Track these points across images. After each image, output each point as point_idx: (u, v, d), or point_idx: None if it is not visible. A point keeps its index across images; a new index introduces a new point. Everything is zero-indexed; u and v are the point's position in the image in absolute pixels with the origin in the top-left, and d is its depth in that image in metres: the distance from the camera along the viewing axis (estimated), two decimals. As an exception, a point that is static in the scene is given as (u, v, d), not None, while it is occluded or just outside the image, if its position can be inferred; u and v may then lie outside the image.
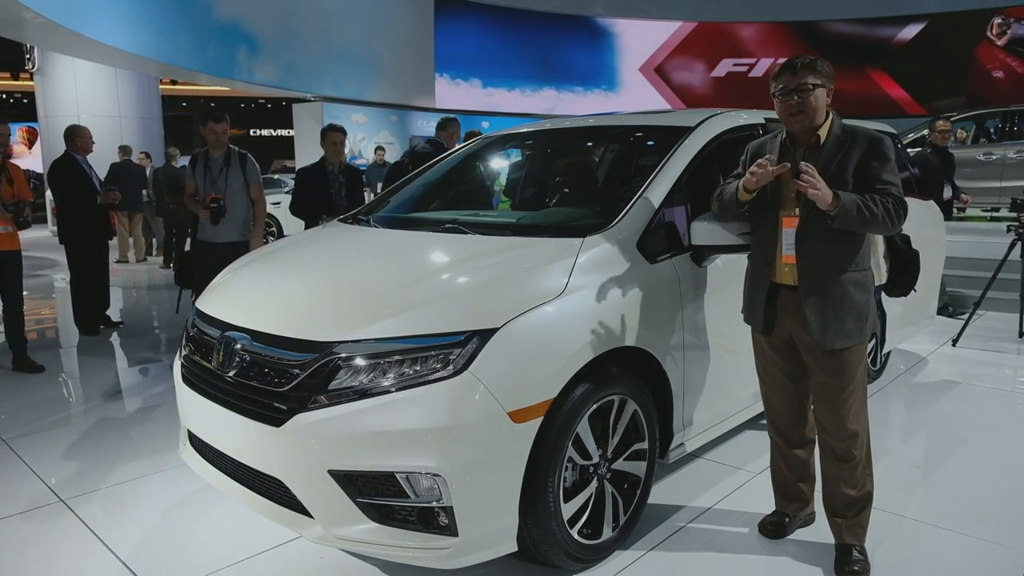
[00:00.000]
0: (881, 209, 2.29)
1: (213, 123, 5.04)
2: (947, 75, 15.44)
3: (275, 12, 14.78)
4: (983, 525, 2.83)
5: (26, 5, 8.52)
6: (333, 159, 5.39)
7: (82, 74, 14.67)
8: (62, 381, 4.99)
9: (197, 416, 2.62)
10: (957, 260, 6.58)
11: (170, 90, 24.15)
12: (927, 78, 15.79)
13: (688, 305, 2.85)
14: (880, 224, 2.32)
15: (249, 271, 3.05)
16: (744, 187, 2.44)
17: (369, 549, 2.22)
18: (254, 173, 5.20)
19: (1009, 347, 5.57)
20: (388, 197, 3.80)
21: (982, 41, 15.16)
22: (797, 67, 2.37)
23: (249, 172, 5.17)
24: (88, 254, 6.24)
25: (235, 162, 5.13)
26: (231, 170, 5.09)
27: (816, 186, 2.24)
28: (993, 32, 14.94)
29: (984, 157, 9.35)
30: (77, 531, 2.85)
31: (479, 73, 19.61)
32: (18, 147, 24.63)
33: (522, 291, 2.36)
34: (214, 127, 5.03)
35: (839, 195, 2.27)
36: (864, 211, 2.27)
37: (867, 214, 2.28)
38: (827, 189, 2.26)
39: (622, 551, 2.63)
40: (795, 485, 2.76)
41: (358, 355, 2.19)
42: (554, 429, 2.28)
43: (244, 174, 5.14)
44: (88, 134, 6.32)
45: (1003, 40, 14.72)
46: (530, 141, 4.15)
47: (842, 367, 2.43)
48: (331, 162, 5.37)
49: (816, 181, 2.25)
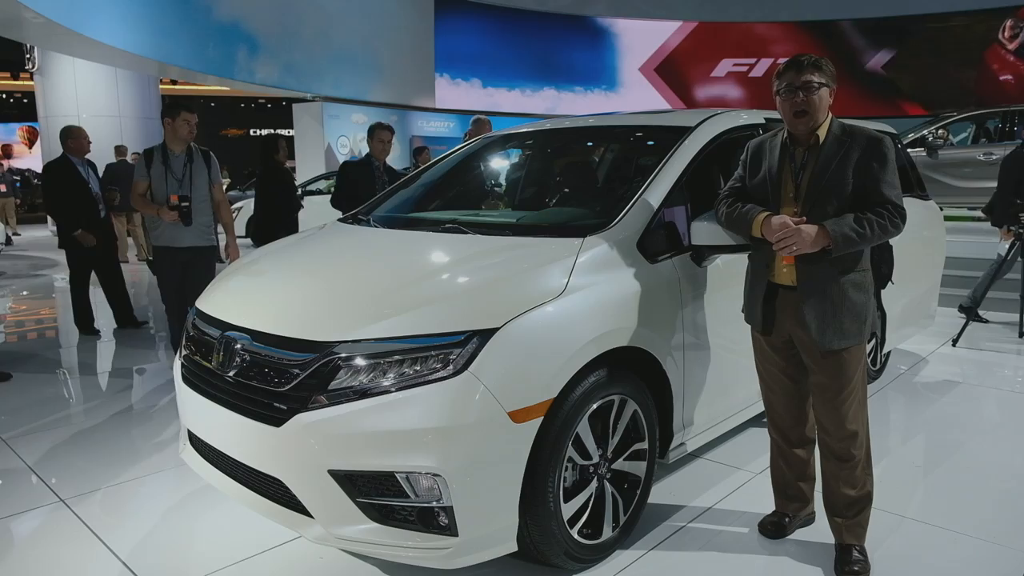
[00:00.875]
0: (876, 229, 2.31)
1: (188, 114, 4.63)
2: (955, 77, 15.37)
3: (275, 12, 14.79)
4: (983, 525, 2.83)
5: (26, 5, 8.52)
6: (380, 156, 5.56)
7: (82, 74, 14.69)
8: (62, 381, 4.99)
9: (197, 416, 2.62)
10: (957, 260, 6.58)
11: (170, 90, 24.15)
12: (934, 80, 15.74)
13: (688, 305, 2.85)
14: (878, 239, 2.34)
15: (249, 271, 3.05)
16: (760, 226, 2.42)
17: (369, 549, 2.22)
18: (217, 172, 4.84)
19: (1009, 347, 5.57)
20: (388, 197, 3.80)
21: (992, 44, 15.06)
22: (803, 65, 2.36)
23: (213, 171, 4.79)
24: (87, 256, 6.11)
25: (199, 159, 4.71)
26: (195, 168, 4.68)
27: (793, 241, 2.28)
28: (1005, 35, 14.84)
29: (984, 157, 9.34)
30: (77, 531, 2.85)
31: (479, 73, 19.61)
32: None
33: (522, 291, 2.36)
34: (189, 118, 4.63)
35: (829, 231, 2.28)
36: (857, 239, 2.30)
37: (860, 241, 2.30)
38: (808, 231, 2.28)
39: (622, 551, 2.63)
40: (795, 485, 2.76)
41: (358, 355, 2.19)
42: (554, 429, 2.28)
43: (209, 173, 4.74)
44: (82, 134, 6.08)
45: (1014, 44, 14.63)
46: (530, 141, 4.15)
47: (841, 367, 2.43)
48: (377, 159, 5.55)
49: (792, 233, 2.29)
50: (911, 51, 16.17)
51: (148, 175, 4.63)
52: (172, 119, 4.62)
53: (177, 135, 4.65)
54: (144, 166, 4.68)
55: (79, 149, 6.06)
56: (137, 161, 4.80)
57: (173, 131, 4.66)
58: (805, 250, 2.31)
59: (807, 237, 2.29)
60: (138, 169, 4.74)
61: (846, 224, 2.30)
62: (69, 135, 6.06)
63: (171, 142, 4.69)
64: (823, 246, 2.30)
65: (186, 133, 4.65)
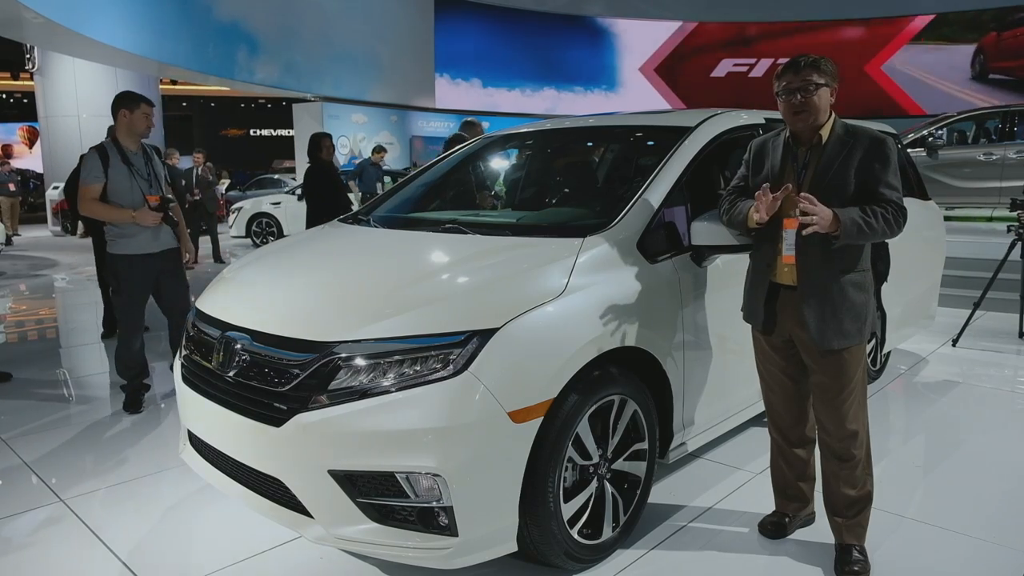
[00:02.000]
0: (881, 222, 2.30)
1: (148, 107, 4.13)
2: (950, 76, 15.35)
3: (275, 12, 14.80)
4: (983, 525, 2.83)
5: (26, 5, 8.52)
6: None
7: (82, 74, 14.70)
8: (62, 381, 4.99)
9: (197, 416, 2.62)
10: (957, 260, 6.58)
11: (170, 90, 24.17)
12: (928, 78, 15.74)
13: (688, 305, 2.85)
14: (880, 235, 2.33)
15: (249, 271, 3.05)
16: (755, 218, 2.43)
17: (369, 549, 2.22)
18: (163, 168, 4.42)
19: (1009, 347, 5.57)
20: (388, 197, 3.80)
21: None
22: (801, 65, 2.36)
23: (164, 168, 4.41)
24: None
25: (154, 157, 4.32)
26: (155, 166, 4.22)
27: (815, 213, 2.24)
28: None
29: (984, 157, 9.35)
30: (77, 531, 2.85)
31: (479, 73, 19.63)
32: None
33: (522, 291, 2.36)
34: (149, 111, 4.12)
35: (839, 216, 2.27)
36: (864, 228, 2.28)
37: (867, 230, 2.29)
38: (826, 212, 2.26)
39: (623, 551, 2.63)
40: (795, 485, 2.76)
41: (358, 355, 2.19)
42: (554, 429, 2.28)
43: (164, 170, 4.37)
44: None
45: None
46: (530, 141, 4.15)
47: (841, 367, 2.43)
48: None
49: (816, 209, 2.24)
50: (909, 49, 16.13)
51: (103, 175, 3.99)
52: (130, 111, 4.05)
53: (134, 130, 4.09)
54: (100, 167, 3.99)
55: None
56: (84, 161, 4.08)
57: (130, 125, 4.08)
58: (822, 228, 2.26)
59: (827, 215, 2.26)
60: (91, 170, 3.99)
61: (854, 212, 2.29)
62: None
63: (126, 138, 4.10)
64: (831, 231, 2.28)
65: (144, 128, 4.12)
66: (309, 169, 6.51)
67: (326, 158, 6.43)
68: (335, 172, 6.61)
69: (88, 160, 4.05)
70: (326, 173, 6.42)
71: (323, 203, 6.18)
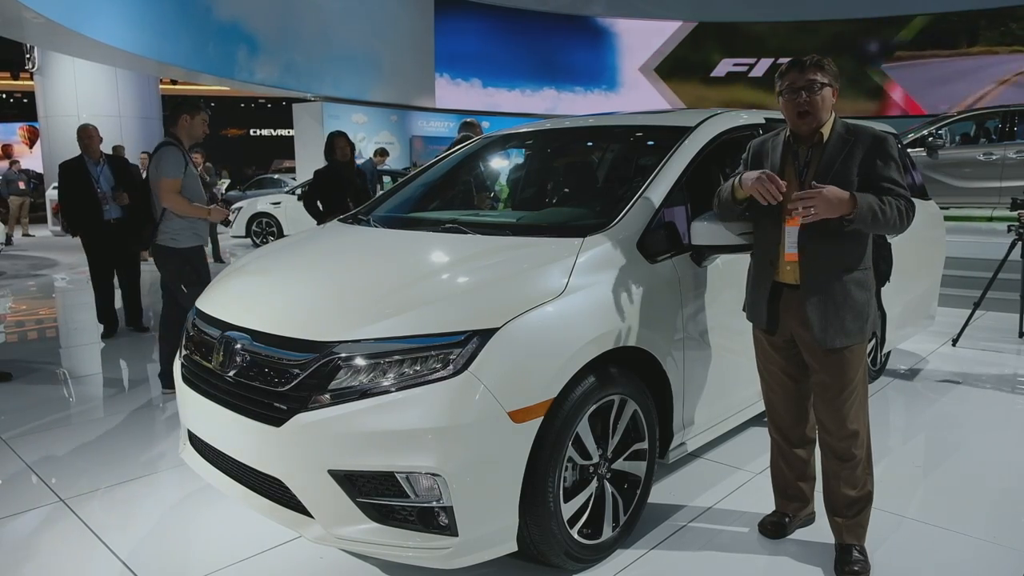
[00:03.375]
0: (895, 212, 2.29)
1: (205, 114, 4.43)
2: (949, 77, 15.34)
3: (275, 12, 14.80)
4: (983, 525, 2.83)
5: (26, 5, 8.53)
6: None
7: (82, 74, 14.70)
8: (62, 381, 4.99)
9: (197, 416, 2.62)
10: (957, 260, 6.57)
11: (170, 90, 24.16)
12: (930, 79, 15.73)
13: (688, 305, 2.85)
14: (892, 227, 2.31)
15: (249, 271, 3.05)
16: (740, 185, 2.44)
17: (369, 549, 2.22)
18: None
19: (1009, 347, 5.57)
20: (388, 197, 3.80)
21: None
22: (805, 65, 2.36)
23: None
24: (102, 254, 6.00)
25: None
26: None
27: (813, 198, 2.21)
28: None
29: (984, 157, 9.34)
30: (77, 531, 2.85)
31: (479, 73, 19.63)
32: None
33: (522, 291, 2.36)
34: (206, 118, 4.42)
35: (856, 197, 2.25)
36: (879, 214, 2.26)
37: (880, 217, 2.27)
38: (832, 192, 2.23)
39: (623, 550, 2.63)
40: (795, 484, 2.76)
41: (358, 355, 2.19)
42: (554, 429, 2.28)
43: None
44: (90, 133, 5.91)
45: None
46: (530, 141, 4.15)
47: (843, 366, 2.43)
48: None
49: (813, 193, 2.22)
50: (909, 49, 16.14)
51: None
52: (191, 116, 4.35)
53: (192, 134, 4.40)
54: (183, 162, 4.26)
55: (86, 149, 5.92)
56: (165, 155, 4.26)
57: (190, 129, 4.39)
58: (822, 214, 2.24)
59: (830, 197, 2.22)
60: (175, 164, 4.23)
61: (870, 196, 2.27)
62: (78, 135, 5.94)
63: (184, 141, 4.39)
64: (842, 213, 2.25)
65: (200, 134, 4.43)
66: (318, 170, 6.13)
67: (340, 159, 5.99)
68: (347, 175, 6.07)
69: (170, 155, 4.26)
70: (337, 175, 5.97)
71: (328, 209, 5.85)
